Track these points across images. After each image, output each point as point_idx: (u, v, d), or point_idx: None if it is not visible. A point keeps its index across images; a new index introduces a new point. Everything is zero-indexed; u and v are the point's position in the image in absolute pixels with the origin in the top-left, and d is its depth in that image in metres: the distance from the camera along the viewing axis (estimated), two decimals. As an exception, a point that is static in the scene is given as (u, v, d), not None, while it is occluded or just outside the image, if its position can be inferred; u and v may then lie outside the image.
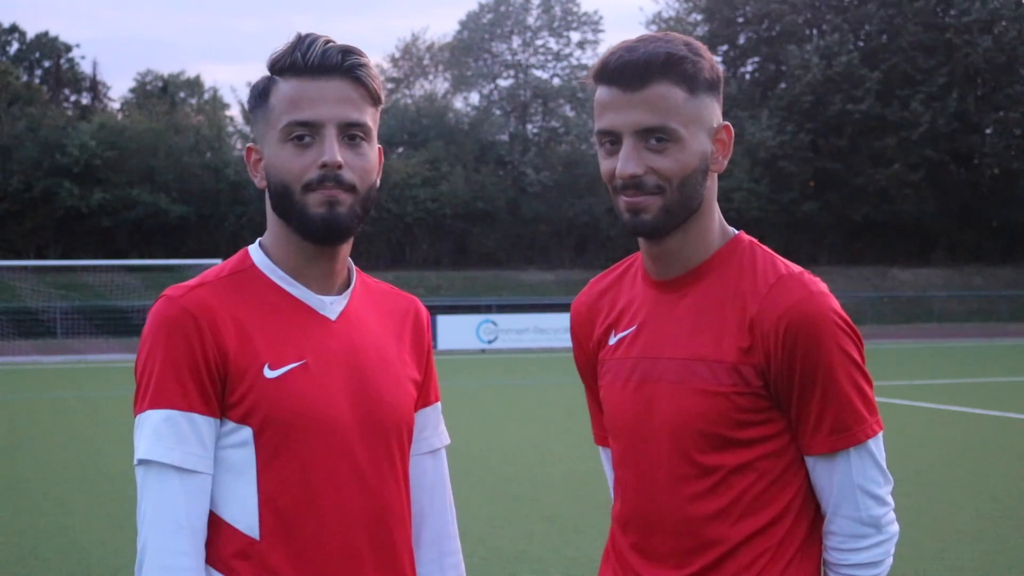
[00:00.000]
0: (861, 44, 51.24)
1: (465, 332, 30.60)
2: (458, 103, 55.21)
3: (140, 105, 52.67)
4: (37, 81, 55.99)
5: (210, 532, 1.88)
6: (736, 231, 2.03)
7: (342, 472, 1.92)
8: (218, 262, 2.30)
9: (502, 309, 34.09)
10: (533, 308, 35.53)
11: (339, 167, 1.89)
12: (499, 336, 30.62)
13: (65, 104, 55.90)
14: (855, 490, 1.93)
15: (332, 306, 1.99)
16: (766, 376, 1.92)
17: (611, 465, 2.17)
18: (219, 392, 1.88)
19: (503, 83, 54.88)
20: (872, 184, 49.12)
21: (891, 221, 50.33)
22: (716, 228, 2.00)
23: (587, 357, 2.17)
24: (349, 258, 2.04)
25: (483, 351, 30.33)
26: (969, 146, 51.04)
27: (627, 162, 1.90)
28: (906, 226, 50.84)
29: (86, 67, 63.27)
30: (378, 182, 1.98)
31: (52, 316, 34.17)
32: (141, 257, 42.23)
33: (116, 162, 44.93)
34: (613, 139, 1.93)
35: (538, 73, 54.66)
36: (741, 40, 53.88)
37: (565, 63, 54.81)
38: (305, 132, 1.90)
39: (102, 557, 7.10)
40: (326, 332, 1.96)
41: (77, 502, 8.93)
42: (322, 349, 1.94)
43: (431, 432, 2.14)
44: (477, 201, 48.29)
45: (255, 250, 2.02)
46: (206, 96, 57.18)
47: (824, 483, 1.95)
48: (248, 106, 2.03)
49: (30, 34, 57.35)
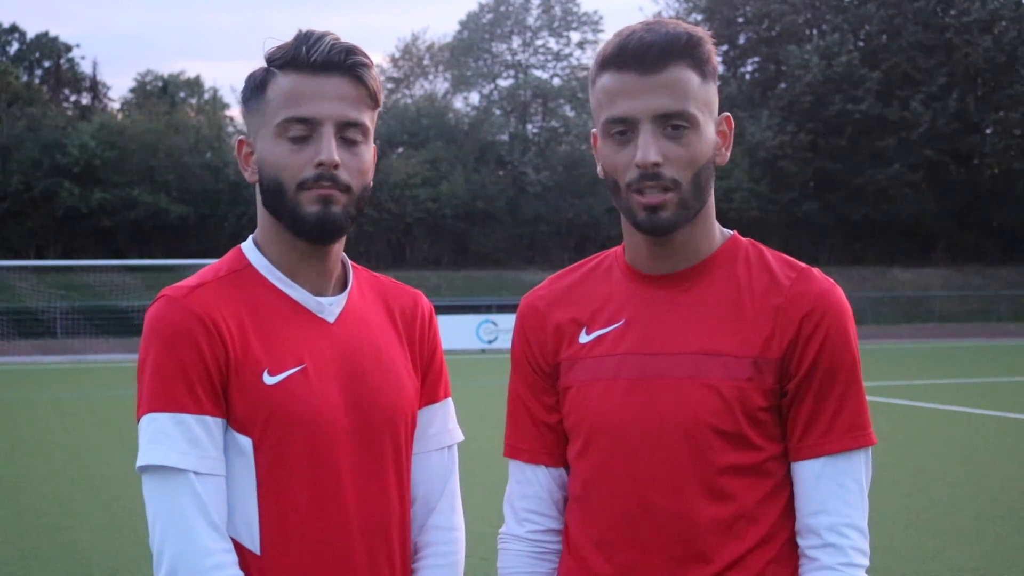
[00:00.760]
0: (861, 44, 51.23)
1: (465, 332, 30.59)
2: (458, 103, 55.28)
3: (140, 105, 52.67)
4: (37, 81, 55.98)
5: None
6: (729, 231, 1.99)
7: (341, 479, 1.90)
8: (218, 262, 2.28)
9: (502, 309, 34.02)
10: (533, 308, 35.42)
11: (335, 167, 1.86)
12: (499, 336, 30.60)
13: (65, 104, 55.87)
14: (861, 495, 1.84)
15: (331, 308, 1.96)
16: (784, 370, 1.84)
17: (557, 484, 1.99)
18: (223, 395, 1.85)
19: (503, 83, 54.87)
20: (872, 184, 49.10)
21: (891, 221, 50.32)
22: (716, 223, 1.95)
23: (539, 357, 1.99)
24: (344, 254, 2.02)
25: (483, 351, 30.31)
26: (969, 146, 51.03)
27: (647, 148, 1.78)
28: (906, 226, 50.82)
29: (86, 67, 63.38)
30: (371, 183, 1.95)
31: (52, 316, 34.17)
32: (141, 257, 42.21)
33: (116, 162, 44.93)
34: (625, 128, 1.81)
35: (538, 73, 54.66)
36: (741, 40, 53.89)
37: (565, 63, 54.81)
38: (302, 129, 1.87)
39: (102, 557, 7.08)
40: (324, 335, 1.93)
41: (77, 502, 8.92)
42: (320, 353, 1.92)
43: (439, 429, 2.09)
44: (477, 201, 48.26)
45: (250, 249, 1.98)
46: (206, 96, 57.21)
47: (824, 487, 1.82)
48: (242, 97, 1.98)
49: (30, 34, 57.37)
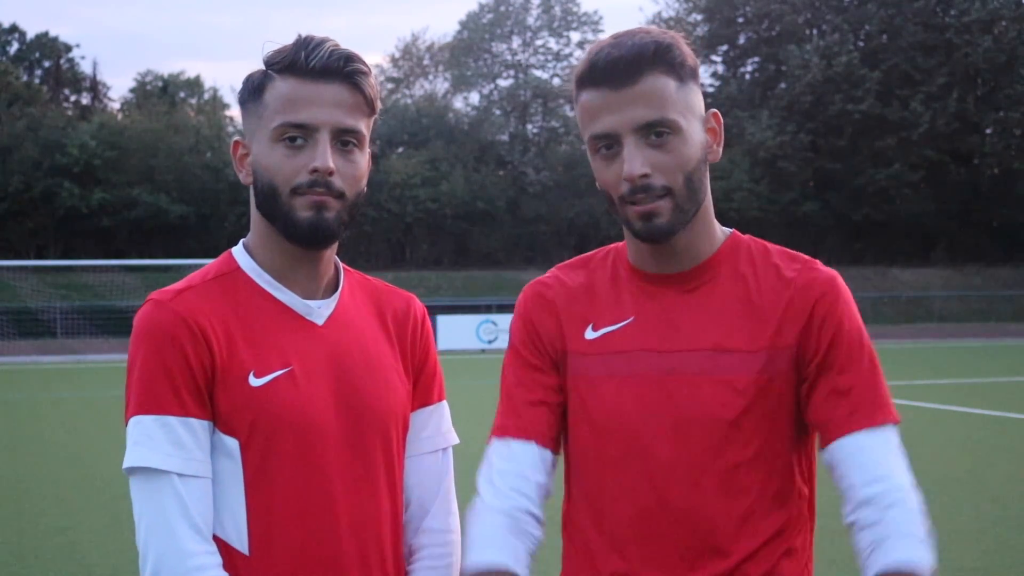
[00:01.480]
0: (861, 44, 51.26)
1: (465, 332, 30.59)
2: (458, 103, 55.34)
3: (140, 105, 52.71)
4: (37, 81, 56.04)
5: None
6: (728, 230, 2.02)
7: (330, 481, 1.90)
8: (218, 262, 2.27)
9: (502, 309, 34.02)
10: (533, 308, 35.43)
11: (330, 173, 1.86)
12: (499, 336, 30.57)
13: (65, 104, 55.93)
14: (907, 465, 1.86)
15: (320, 311, 1.96)
16: (801, 356, 1.88)
17: (541, 466, 1.95)
18: (208, 397, 1.85)
19: (503, 83, 54.92)
20: (872, 184, 49.14)
21: (891, 221, 50.36)
22: (715, 221, 1.97)
23: (544, 340, 1.98)
24: (336, 258, 2.02)
25: (483, 351, 30.30)
26: (969, 146, 51.07)
27: (633, 162, 1.81)
28: (906, 226, 50.87)
29: (86, 67, 63.48)
30: (365, 188, 1.96)
31: (52, 316, 34.19)
32: (141, 257, 42.24)
33: (116, 162, 44.97)
34: (610, 142, 1.84)
35: (538, 73, 54.72)
36: (741, 40, 53.95)
37: (565, 63, 54.84)
38: (298, 134, 1.87)
39: (102, 557, 7.09)
40: (312, 338, 1.93)
41: (77, 502, 8.92)
42: (308, 355, 1.91)
43: (432, 432, 2.09)
44: (477, 201, 48.28)
45: (240, 252, 1.99)
46: (206, 96, 57.23)
47: (875, 457, 1.83)
48: (239, 99, 1.99)
49: (30, 34, 57.48)
